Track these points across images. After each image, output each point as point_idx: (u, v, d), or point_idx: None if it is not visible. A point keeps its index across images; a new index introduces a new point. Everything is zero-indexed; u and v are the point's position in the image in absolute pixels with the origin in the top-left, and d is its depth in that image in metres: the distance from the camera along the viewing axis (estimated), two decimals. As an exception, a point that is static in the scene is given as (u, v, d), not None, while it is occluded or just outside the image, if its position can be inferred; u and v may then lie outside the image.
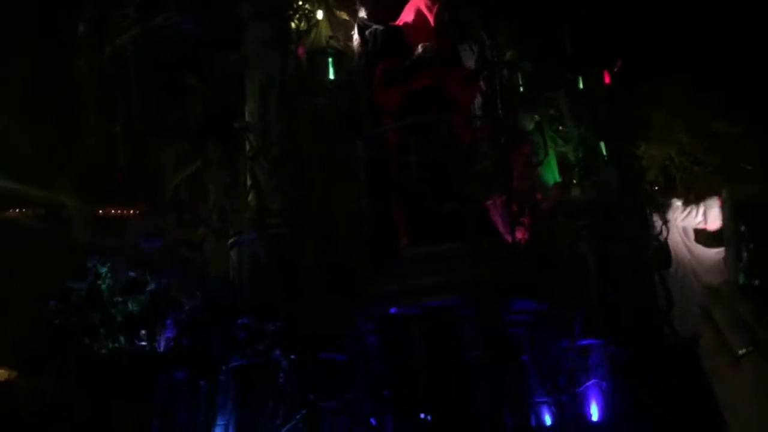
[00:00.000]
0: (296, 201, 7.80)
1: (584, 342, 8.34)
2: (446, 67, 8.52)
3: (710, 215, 11.94)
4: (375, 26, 8.87)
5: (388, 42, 8.66)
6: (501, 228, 8.75)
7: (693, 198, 12.12)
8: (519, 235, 8.94)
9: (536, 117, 9.27)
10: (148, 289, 6.28)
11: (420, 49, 8.24)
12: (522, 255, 8.00)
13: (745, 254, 1.04)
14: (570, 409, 8.22)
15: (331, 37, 8.64)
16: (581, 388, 8.28)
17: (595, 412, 8.18)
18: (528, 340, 8.31)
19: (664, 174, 19.13)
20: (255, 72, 8.12)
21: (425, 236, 7.52)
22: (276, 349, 6.77)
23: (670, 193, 16.05)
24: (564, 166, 9.66)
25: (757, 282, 1.03)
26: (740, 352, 0.97)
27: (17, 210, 10.43)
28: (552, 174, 9.49)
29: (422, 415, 7.77)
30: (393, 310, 7.58)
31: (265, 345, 6.69)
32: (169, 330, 6.15)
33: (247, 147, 7.84)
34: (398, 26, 8.84)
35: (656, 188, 13.32)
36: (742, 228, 1.04)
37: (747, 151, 18.42)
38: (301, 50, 8.60)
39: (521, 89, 9.38)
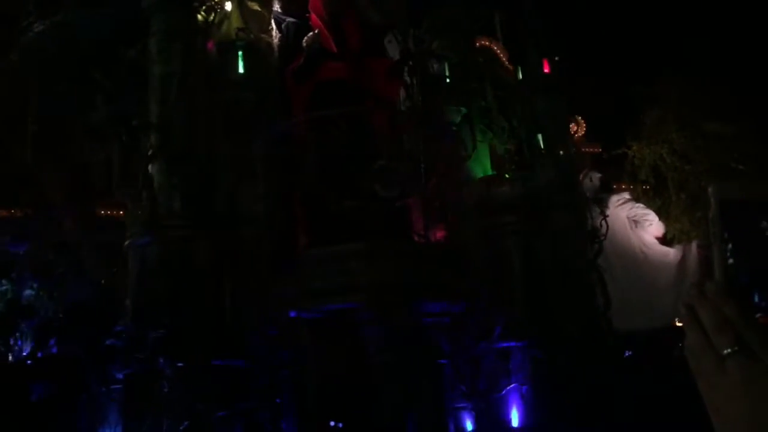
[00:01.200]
0: (196, 201, 7.49)
1: (505, 344, 7.95)
2: (364, 58, 8.14)
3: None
4: (289, 19, 8.52)
5: (301, 35, 8.29)
6: (421, 226, 8.43)
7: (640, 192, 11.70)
8: (440, 233, 8.60)
9: (462, 109, 8.87)
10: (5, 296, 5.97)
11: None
12: (432, 254, 7.63)
13: (729, 253, 1.03)
14: (490, 415, 7.85)
15: (241, 30, 8.28)
16: (502, 393, 7.90)
17: (515, 418, 7.80)
18: (448, 342, 7.97)
19: (654, 173, 18.93)
20: (157, 67, 7.80)
21: (326, 236, 7.18)
22: (159, 357, 6.46)
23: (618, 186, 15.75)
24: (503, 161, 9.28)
25: (743, 281, 1.03)
26: (725, 352, 0.97)
27: None
28: (483, 168, 9.10)
29: (332, 423, 7.46)
30: (293, 313, 7.25)
31: (147, 353, 6.37)
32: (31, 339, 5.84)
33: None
34: (312, 18, 8.47)
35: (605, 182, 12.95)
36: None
37: (738, 150, 18.09)
38: (210, 44, 8.28)
39: (448, 80, 8.98)
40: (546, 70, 9.80)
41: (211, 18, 8.24)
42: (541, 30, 9.90)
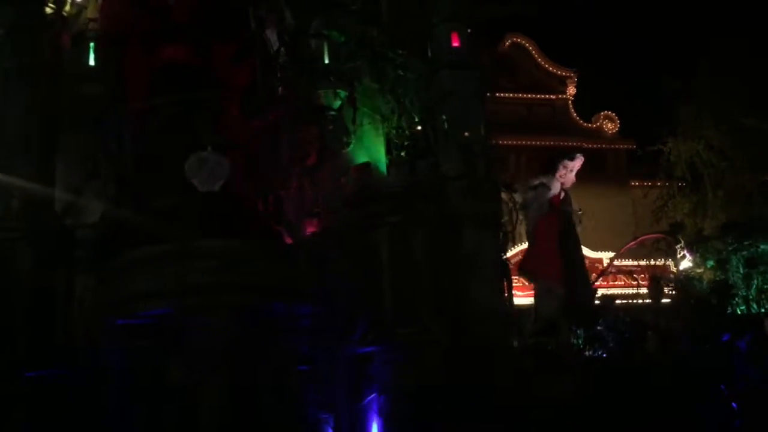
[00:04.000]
0: (32, 203, 7.18)
1: (367, 349, 7.23)
2: (210, 40, 7.52)
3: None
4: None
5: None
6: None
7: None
8: (311, 228, 7.96)
9: (341, 92, 8.13)
10: None
11: None
12: (284, 252, 6.99)
13: None
14: (350, 427, 7.16)
15: (92, 20, 7.88)
16: (363, 402, 7.19)
17: (375, 428, 7.07)
18: (307, 347, 7.32)
19: (691, 170, 18.01)
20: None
21: (143, 236, 6.66)
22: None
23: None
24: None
25: None
26: None
27: None
28: (374, 155, 8.35)
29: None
30: (120, 321, 6.79)
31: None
32: None
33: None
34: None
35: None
36: None
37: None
38: (65, 36, 7.93)
39: (327, 62, 8.25)
40: (455, 44, 8.88)
41: (66, 10, 7.91)
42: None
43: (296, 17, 8.18)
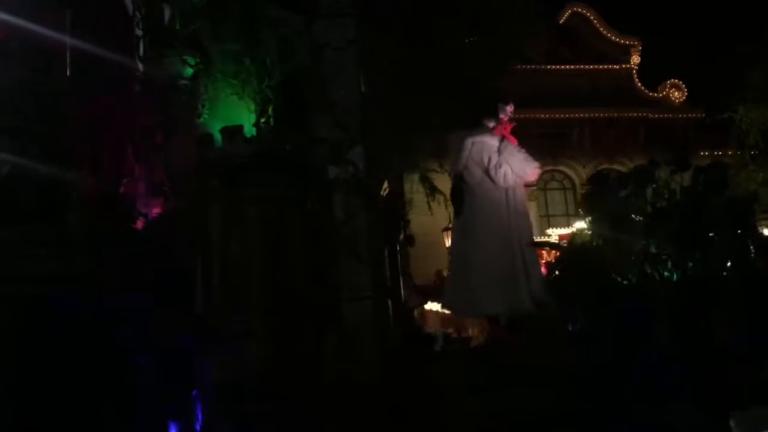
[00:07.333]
0: None
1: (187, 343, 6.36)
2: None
3: None
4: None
5: None
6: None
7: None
8: (156, 209, 7.21)
9: (189, 59, 7.32)
10: None
11: None
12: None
13: None
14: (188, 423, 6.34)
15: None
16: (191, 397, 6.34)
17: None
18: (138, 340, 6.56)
19: (764, 138, 16.53)
20: None
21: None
22: None
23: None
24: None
25: None
26: None
27: None
28: (228, 124, 7.46)
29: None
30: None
31: None
32: None
33: None
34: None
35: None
36: None
37: None
38: None
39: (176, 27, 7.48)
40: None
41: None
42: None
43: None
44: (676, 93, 23.26)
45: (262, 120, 7.30)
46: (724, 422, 4.27)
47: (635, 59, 23.97)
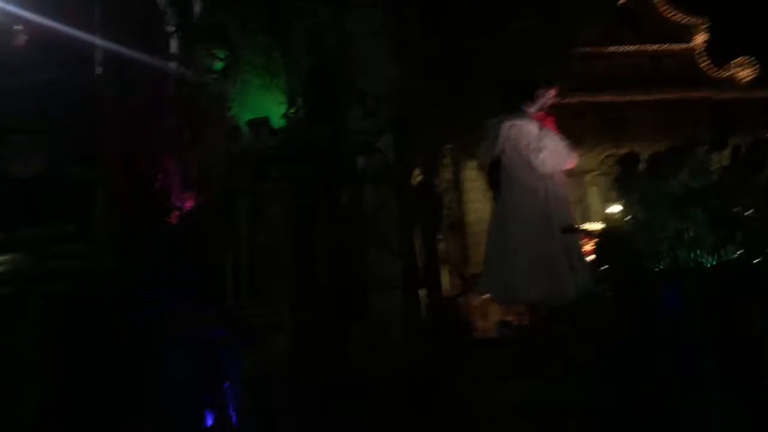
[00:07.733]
0: None
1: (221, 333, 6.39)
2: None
3: None
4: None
5: None
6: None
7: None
8: (189, 203, 7.27)
9: (219, 53, 7.34)
10: None
11: None
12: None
13: None
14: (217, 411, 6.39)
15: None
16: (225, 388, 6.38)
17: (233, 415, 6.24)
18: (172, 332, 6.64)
19: None
20: None
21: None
22: None
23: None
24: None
25: None
26: None
27: None
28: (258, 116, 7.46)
29: None
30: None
31: None
32: None
33: None
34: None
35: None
36: None
37: None
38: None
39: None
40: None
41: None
42: None
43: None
44: (744, 72, 22.18)
45: (292, 111, 7.25)
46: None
47: (700, 38, 22.97)
